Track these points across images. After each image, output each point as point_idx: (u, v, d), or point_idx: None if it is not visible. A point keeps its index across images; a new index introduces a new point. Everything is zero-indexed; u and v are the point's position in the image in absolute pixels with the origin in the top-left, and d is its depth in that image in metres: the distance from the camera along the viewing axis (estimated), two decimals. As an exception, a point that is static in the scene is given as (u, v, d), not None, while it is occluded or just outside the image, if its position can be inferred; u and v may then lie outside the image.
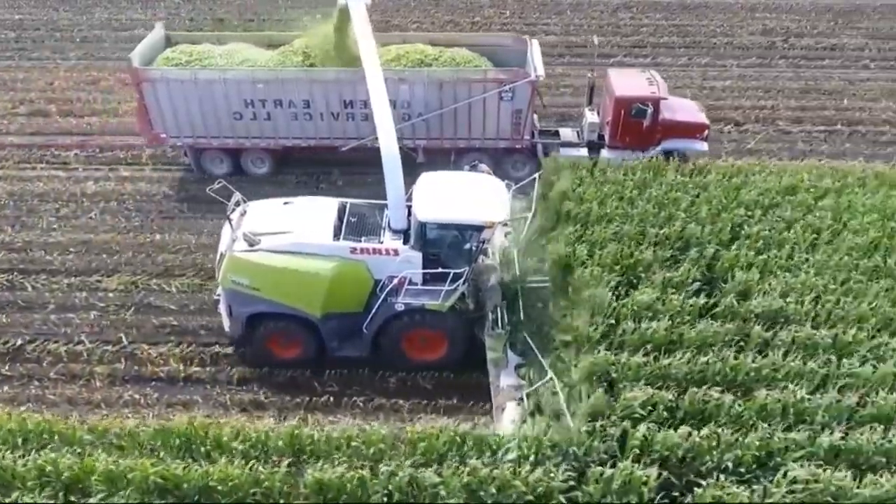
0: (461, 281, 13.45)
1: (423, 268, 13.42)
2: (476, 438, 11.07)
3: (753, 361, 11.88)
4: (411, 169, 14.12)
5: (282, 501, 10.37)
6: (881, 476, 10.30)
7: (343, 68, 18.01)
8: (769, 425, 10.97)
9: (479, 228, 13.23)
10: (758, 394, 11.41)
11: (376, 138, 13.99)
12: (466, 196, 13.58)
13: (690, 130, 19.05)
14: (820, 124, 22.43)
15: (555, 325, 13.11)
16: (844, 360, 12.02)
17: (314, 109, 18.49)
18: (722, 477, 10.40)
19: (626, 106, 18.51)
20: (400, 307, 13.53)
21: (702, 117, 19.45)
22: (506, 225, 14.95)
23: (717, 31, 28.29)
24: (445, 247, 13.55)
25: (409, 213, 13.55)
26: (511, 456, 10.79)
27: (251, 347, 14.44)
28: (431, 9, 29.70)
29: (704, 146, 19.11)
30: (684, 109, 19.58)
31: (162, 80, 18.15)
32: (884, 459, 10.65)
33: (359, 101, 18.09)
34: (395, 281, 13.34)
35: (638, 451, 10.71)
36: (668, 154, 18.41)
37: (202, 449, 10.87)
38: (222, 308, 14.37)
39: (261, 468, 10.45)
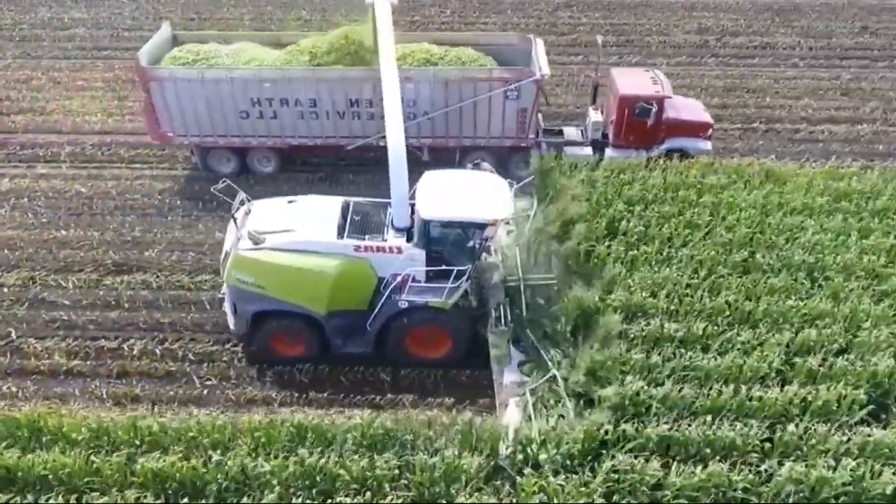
0: (464, 278, 13.54)
1: (427, 265, 13.52)
2: (316, 428, 11.29)
3: (598, 354, 12.09)
4: (415, 168, 14.02)
5: (115, 490, 10.60)
6: (701, 466, 10.53)
7: (350, 67, 18.29)
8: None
9: (482, 226, 13.36)
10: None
11: (381, 137, 13.75)
12: (469, 194, 13.66)
13: (694, 129, 19.11)
14: (738, 122, 22.57)
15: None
16: (690, 353, 12.22)
17: (320, 108, 18.59)
18: (548, 467, 10.64)
19: (630, 105, 18.58)
20: (403, 304, 13.60)
21: (706, 116, 19.51)
22: (508, 223, 15.06)
23: (653, 30, 28.48)
24: (449, 244, 13.66)
25: (413, 212, 13.69)
26: (348, 445, 11.03)
27: (255, 345, 14.51)
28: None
29: (708, 145, 19.19)
30: (688, 108, 19.66)
31: (169, 79, 18.28)
32: (709, 450, 10.86)
33: (364, 100, 18.31)
34: (399, 278, 13.43)
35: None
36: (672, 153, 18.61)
37: (44, 439, 11.12)
38: (227, 306, 14.44)
39: (94, 458, 10.68)
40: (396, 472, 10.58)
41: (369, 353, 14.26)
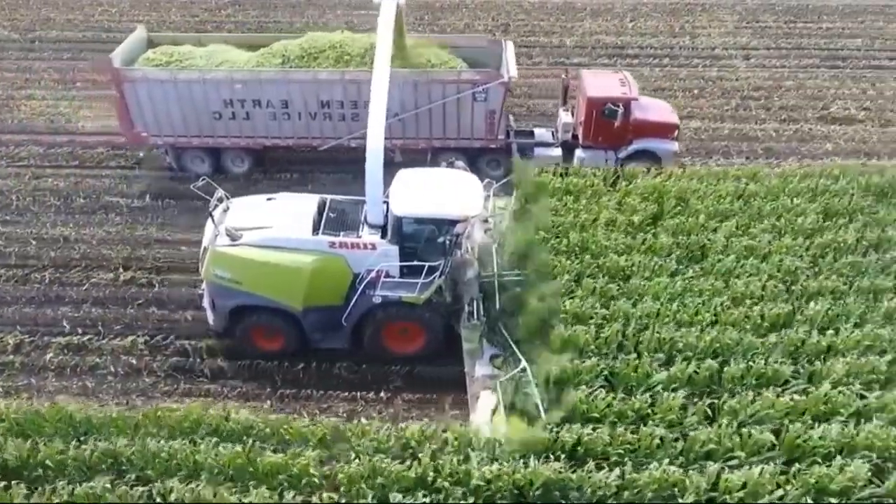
0: (437, 274, 14.00)
1: (400, 261, 14.00)
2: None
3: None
4: (388, 168, 14.33)
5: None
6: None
7: (320, 69, 18.70)
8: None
9: (453, 222, 13.79)
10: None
11: (353, 138, 13.94)
12: (442, 191, 14.13)
13: (661, 130, 19.62)
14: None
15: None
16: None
17: (292, 109, 19.02)
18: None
19: (597, 106, 19.14)
20: (377, 300, 14.06)
21: (673, 117, 19.99)
22: (486, 221, 15.65)
23: (302, 28, 25.60)
24: (421, 241, 14.07)
25: (387, 209, 14.12)
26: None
27: (234, 340, 14.92)
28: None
29: (675, 146, 19.71)
30: (655, 109, 20.14)
31: (143, 80, 18.59)
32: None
33: (335, 101, 18.78)
34: (373, 274, 13.91)
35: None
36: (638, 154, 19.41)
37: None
38: (206, 302, 14.84)
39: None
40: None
41: (347, 347, 14.77)
